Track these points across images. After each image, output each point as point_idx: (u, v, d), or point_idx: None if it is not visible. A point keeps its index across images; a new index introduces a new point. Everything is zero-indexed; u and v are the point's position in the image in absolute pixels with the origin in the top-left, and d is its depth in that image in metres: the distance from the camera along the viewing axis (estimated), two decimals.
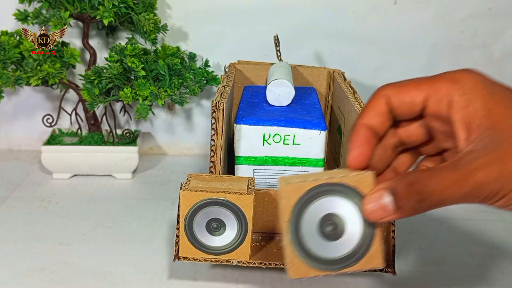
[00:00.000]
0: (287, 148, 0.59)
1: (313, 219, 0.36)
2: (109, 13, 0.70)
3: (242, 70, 0.78)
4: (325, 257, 0.37)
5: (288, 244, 0.36)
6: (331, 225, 0.36)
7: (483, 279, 0.57)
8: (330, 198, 0.36)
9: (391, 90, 0.38)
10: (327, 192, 0.36)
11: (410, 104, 0.37)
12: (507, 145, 0.32)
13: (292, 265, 0.36)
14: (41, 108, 0.86)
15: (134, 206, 0.71)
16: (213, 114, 0.55)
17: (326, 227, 0.36)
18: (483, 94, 0.34)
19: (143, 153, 0.90)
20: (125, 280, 0.54)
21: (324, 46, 0.85)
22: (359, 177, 0.36)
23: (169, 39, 0.83)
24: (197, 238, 0.50)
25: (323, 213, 0.36)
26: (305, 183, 0.35)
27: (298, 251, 0.36)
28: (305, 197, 0.36)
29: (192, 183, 0.51)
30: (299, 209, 0.36)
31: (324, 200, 0.36)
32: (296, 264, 0.36)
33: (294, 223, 0.36)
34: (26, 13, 0.73)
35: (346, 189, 0.36)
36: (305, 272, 0.36)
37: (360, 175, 0.36)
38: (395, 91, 0.38)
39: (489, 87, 0.34)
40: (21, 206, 0.69)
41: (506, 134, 0.33)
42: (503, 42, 0.85)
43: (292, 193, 0.35)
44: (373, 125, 0.38)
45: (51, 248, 0.60)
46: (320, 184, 0.36)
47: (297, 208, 0.36)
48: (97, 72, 0.71)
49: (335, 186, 0.36)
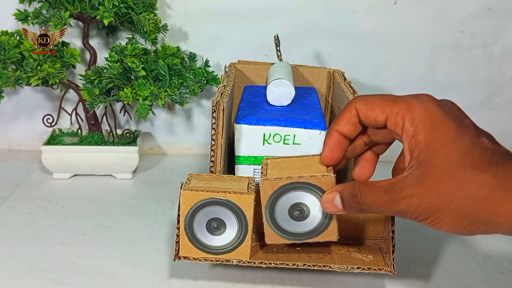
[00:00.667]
0: (287, 148, 0.59)
1: (285, 206, 0.49)
2: (109, 13, 0.70)
3: (243, 70, 0.78)
4: (292, 231, 0.50)
5: (265, 222, 0.50)
6: (298, 210, 0.50)
7: (483, 279, 0.57)
8: (299, 192, 0.49)
9: (361, 105, 0.45)
10: (297, 188, 0.49)
11: (374, 120, 0.44)
12: (430, 182, 0.39)
13: (268, 235, 0.50)
14: (41, 108, 0.86)
15: (134, 206, 0.71)
16: (214, 114, 0.55)
17: (294, 212, 0.50)
18: (428, 128, 0.40)
19: (143, 153, 0.90)
20: (125, 280, 0.54)
21: (324, 46, 0.85)
22: (324, 179, 0.48)
23: (169, 39, 0.83)
24: (197, 237, 0.50)
25: (293, 202, 0.49)
26: (280, 180, 0.48)
27: (273, 226, 0.50)
28: (279, 190, 0.49)
29: (192, 182, 0.51)
30: (273, 198, 0.49)
31: (295, 193, 0.49)
32: (271, 234, 0.50)
33: (270, 207, 0.49)
34: (26, 13, 0.73)
35: (312, 186, 0.48)
36: (277, 240, 0.51)
37: (325, 177, 0.48)
38: (363, 107, 0.45)
39: (436, 121, 0.40)
40: (21, 206, 0.69)
41: (433, 171, 0.39)
42: (503, 42, 0.85)
43: (269, 187, 0.49)
44: (344, 132, 0.47)
45: (51, 248, 0.60)
46: (291, 182, 0.48)
47: (272, 198, 0.49)
48: (97, 72, 0.71)
49: (304, 184, 0.48)
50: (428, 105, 0.41)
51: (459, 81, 0.87)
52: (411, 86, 0.87)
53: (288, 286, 0.54)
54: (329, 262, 0.52)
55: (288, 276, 0.56)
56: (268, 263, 0.51)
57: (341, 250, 0.54)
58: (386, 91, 0.87)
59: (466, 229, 0.39)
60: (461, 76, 0.87)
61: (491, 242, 0.65)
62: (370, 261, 0.53)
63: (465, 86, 0.88)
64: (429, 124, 0.40)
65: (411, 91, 0.87)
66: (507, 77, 0.87)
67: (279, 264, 0.51)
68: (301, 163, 0.51)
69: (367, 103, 0.44)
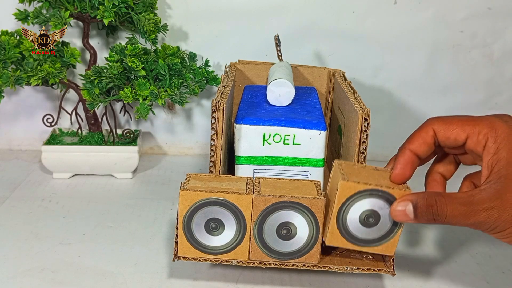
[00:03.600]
0: (287, 148, 0.59)
1: (274, 223, 0.50)
2: (109, 13, 0.70)
3: (243, 70, 0.78)
4: (277, 250, 0.51)
5: (252, 237, 0.50)
6: (286, 229, 0.50)
7: (483, 279, 0.57)
8: (290, 212, 0.50)
9: (439, 125, 0.46)
10: (288, 207, 0.50)
11: (454, 140, 0.46)
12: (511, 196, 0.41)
13: (253, 250, 0.51)
14: (41, 108, 0.86)
15: (134, 205, 0.71)
16: (213, 114, 0.55)
17: (282, 230, 0.50)
18: (510, 147, 0.42)
19: (143, 153, 0.90)
20: (125, 279, 0.54)
21: (324, 46, 0.85)
22: (315, 201, 0.49)
23: (169, 39, 0.83)
24: (195, 237, 0.50)
25: (282, 220, 0.50)
26: (273, 197, 0.49)
27: (258, 242, 0.50)
28: (271, 207, 0.49)
29: (191, 183, 0.51)
30: (264, 214, 0.50)
31: (285, 212, 0.50)
32: (255, 250, 0.51)
33: (259, 223, 0.50)
34: (26, 13, 0.73)
35: (303, 207, 0.49)
36: (260, 256, 0.51)
37: (315, 200, 0.49)
38: (442, 127, 0.46)
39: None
40: (21, 205, 0.69)
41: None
42: (503, 42, 0.85)
43: (262, 203, 0.49)
44: (418, 152, 0.48)
45: (51, 248, 0.60)
46: (284, 200, 0.49)
47: (264, 214, 0.50)
48: (97, 72, 0.71)
49: (295, 204, 0.49)
50: (509, 123, 0.43)
51: (459, 81, 0.87)
52: (411, 86, 0.87)
53: (288, 286, 0.54)
54: (329, 263, 0.52)
55: (288, 276, 0.56)
56: (267, 263, 0.51)
57: (341, 250, 0.54)
58: (386, 91, 0.87)
59: None
60: (461, 76, 0.87)
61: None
62: (369, 261, 0.53)
63: (465, 86, 0.88)
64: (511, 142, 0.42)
65: (411, 91, 0.88)
66: (507, 77, 0.87)
67: (278, 264, 0.51)
68: (292, 186, 0.52)
69: (446, 124, 0.46)
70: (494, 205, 0.41)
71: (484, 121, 0.44)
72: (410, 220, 0.46)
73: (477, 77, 0.87)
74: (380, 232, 0.49)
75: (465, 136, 0.45)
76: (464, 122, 0.45)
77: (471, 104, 0.89)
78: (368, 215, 0.48)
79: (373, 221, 0.49)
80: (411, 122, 0.89)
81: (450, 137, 0.46)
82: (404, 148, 0.48)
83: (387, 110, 0.88)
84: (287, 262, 0.51)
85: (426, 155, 0.48)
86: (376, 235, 0.49)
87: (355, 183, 0.47)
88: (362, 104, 0.58)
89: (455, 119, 0.46)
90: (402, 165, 0.48)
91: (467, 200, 0.43)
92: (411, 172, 0.48)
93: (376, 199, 0.48)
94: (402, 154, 0.48)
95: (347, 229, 0.49)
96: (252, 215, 0.50)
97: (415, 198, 0.45)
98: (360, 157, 0.56)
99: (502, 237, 0.43)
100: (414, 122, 0.88)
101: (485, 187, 0.43)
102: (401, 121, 0.89)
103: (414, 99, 0.88)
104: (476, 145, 0.44)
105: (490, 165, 0.43)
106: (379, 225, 0.49)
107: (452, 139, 0.46)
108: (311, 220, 0.50)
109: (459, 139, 0.45)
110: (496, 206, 0.41)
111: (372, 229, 0.49)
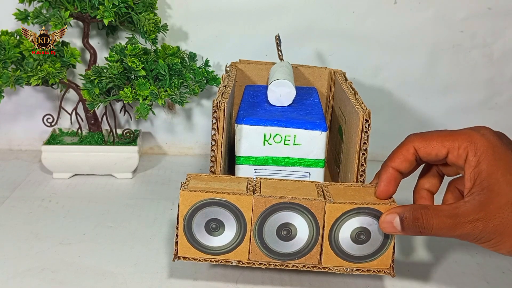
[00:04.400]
0: (288, 149, 0.59)
1: (274, 224, 0.50)
2: (109, 12, 0.70)
3: (244, 70, 0.78)
4: (277, 251, 0.51)
5: (252, 238, 0.50)
6: (286, 230, 0.50)
7: (483, 279, 0.57)
8: (290, 213, 0.50)
9: (420, 142, 0.48)
10: (289, 208, 0.49)
11: (435, 156, 0.47)
12: (494, 207, 0.42)
13: (253, 251, 0.51)
14: (41, 107, 0.86)
15: (134, 205, 0.71)
16: (214, 114, 0.55)
17: (282, 231, 0.50)
18: (490, 159, 0.43)
19: (143, 153, 0.90)
20: (125, 279, 0.54)
21: (325, 46, 0.85)
22: (315, 203, 0.49)
23: (169, 38, 0.83)
24: (196, 238, 0.50)
25: (282, 221, 0.50)
26: (274, 198, 0.49)
27: (258, 243, 0.50)
28: (271, 208, 0.49)
29: (191, 183, 0.51)
30: (265, 215, 0.50)
31: (285, 213, 0.50)
32: (255, 251, 0.51)
33: (259, 224, 0.50)
34: (26, 13, 0.73)
35: (303, 209, 0.49)
36: (260, 257, 0.51)
37: (316, 201, 0.49)
38: (423, 144, 0.47)
39: (497, 152, 0.44)
40: (21, 205, 0.69)
41: (495, 197, 0.42)
42: (503, 42, 0.85)
43: (262, 204, 0.49)
44: (401, 169, 0.49)
45: (51, 247, 0.60)
46: (284, 201, 0.49)
47: (264, 214, 0.50)
48: (97, 72, 0.71)
49: (295, 205, 0.49)
50: (489, 137, 0.44)
51: (459, 81, 0.87)
52: (411, 86, 0.87)
53: (288, 287, 0.54)
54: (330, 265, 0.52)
55: (288, 276, 0.56)
56: (267, 264, 0.51)
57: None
58: (386, 91, 0.87)
59: None
60: (461, 76, 0.87)
61: None
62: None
63: (465, 86, 0.88)
64: (491, 154, 0.44)
65: (411, 90, 0.88)
66: (507, 77, 0.87)
67: (278, 265, 0.51)
68: (293, 186, 0.52)
69: (426, 141, 0.47)
70: (479, 217, 0.42)
71: (463, 135, 0.45)
72: (397, 231, 0.47)
73: (477, 77, 0.87)
74: (373, 248, 0.50)
75: (446, 151, 0.46)
76: (444, 137, 0.46)
77: (471, 104, 0.89)
78: (359, 233, 0.50)
79: (364, 237, 0.50)
80: (412, 122, 0.89)
81: (431, 153, 0.47)
82: (386, 166, 0.49)
83: (387, 110, 0.88)
84: (287, 262, 0.51)
85: (408, 170, 0.50)
86: (370, 251, 0.50)
87: (341, 204, 0.49)
88: (363, 105, 0.58)
89: (434, 135, 0.47)
90: (386, 182, 0.49)
91: (452, 213, 0.44)
92: (394, 188, 0.50)
93: (364, 217, 0.49)
94: (385, 171, 0.49)
95: (341, 248, 0.50)
96: (253, 216, 0.50)
97: (402, 211, 0.46)
98: (361, 158, 0.56)
99: (488, 247, 0.44)
100: (415, 122, 0.89)
101: (469, 199, 0.44)
102: (402, 121, 0.89)
103: (414, 99, 0.88)
104: (458, 159, 0.46)
105: (473, 177, 0.44)
106: (371, 241, 0.50)
107: (433, 155, 0.47)
108: (311, 221, 0.50)
109: (440, 154, 0.47)
110: (480, 217, 0.42)
111: (365, 245, 0.50)
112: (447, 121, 0.89)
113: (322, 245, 0.50)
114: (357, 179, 0.57)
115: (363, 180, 0.57)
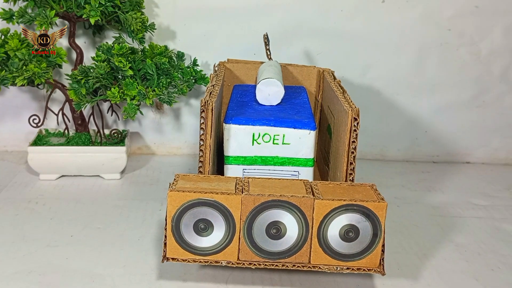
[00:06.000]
0: (277, 148, 0.59)
1: (263, 223, 0.50)
2: (96, 12, 0.69)
3: (232, 69, 0.78)
4: (267, 249, 0.51)
5: (241, 237, 0.50)
6: (275, 229, 0.50)
7: (472, 276, 0.57)
8: (279, 211, 0.50)
9: None
10: (278, 206, 0.50)
11: None
12: None
13: (242, 251, 0.51)
14: (27, 108, 0.85)
15: (122, 206, 0.70)
16: (203, 113, 0.55)
17: (271, 230, 0.50)
18: None
19: (132, 153, 0.90)
20: (114, 281, 0.54)
21: (313, 45, 0.85)
22: (304, 200, 0.49)
23: (156, 38, 0.83)
24: (184, 239, 0.50)
25: (272, 220, 0.50)
26: (262, 196, 0.49)
27: (248, 243, 0.50)
28: (260, 206, 0.49)
29: (179, 183, 0.51)
30: (253, 214, 0.50)
31: (274, 211, 0.50)
32: (245, 251, 0.51)
33: (248, 223, 0.50)
34: (11, 12, 0.72)
35: (292, 206, 0.49)
36: (250, 257, 0.51)
37: (305, 198, 0.49)
38: None
39: None
40: (7, 207, 0.68)
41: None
42: (491, 40, 0.86)
43: (251, 202, 0.49)
44: None
45: (39, 250, 0.59)
46: (273, 199, 0.49)
47: (253, 213, 0.50)
48: (84, 72, 0.70)
49: (284, 203, 0.49)
50: None
51: (447, 79, 0.88)
52: (400, 84, 0.88)
53: (278, 287, 0.54)
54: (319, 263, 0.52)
55: (278, 276, 0.55)
56: (257, 264, 0.51)
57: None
58: (375, 90, 0.87)
59: None
60: (449, 74, 0.87)
61: (480, 239, 0.65)
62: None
63: (453, 84, 0.88)
64: None
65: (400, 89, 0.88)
66: (495, 75, 0.88)
67: (268, 265, 0.51)
68: (282, 185, 0.52)
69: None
70: None
71: None
72: None
73: (465, 75, 0.88)
74: (362, 245, 0.51)
75: None
76: None
77: (459, 102, 0.89)
78: (348, 230, 0.50)
79: (353, 235, 0.50)
80: (400, 121, 0.89)
81: None
82: None
83: (376, 109, 0.89)
84: (277, 262, 0.51)
85: None
86: (359, 249, 0.51)
87: (330, 201, 0.49)
88: (351, 104, 0.58)
89: None
90: None
91: None
92: None
93: (353, 213, 0.50)
94: None
95: (329, 246, 0.51)
96: (241, 215, 0.49)
97: None
98: (350, 156, 0.56)
99: None
100: (403, 120, 0.90)
101: None
102: (390, 119, 0.89)
103: (402, 98, 0.88)
104: None
105: None
106: (360, 238, 0.50)
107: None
108: (301, 219, 0.49)
109: None
110: None
111: (354, 243, 0.50)
112: (435, 119, 0.89)
113: (311, 242, 0.50)
114: (347, 177, 0.57)
115: (352, 178, 0.57)
